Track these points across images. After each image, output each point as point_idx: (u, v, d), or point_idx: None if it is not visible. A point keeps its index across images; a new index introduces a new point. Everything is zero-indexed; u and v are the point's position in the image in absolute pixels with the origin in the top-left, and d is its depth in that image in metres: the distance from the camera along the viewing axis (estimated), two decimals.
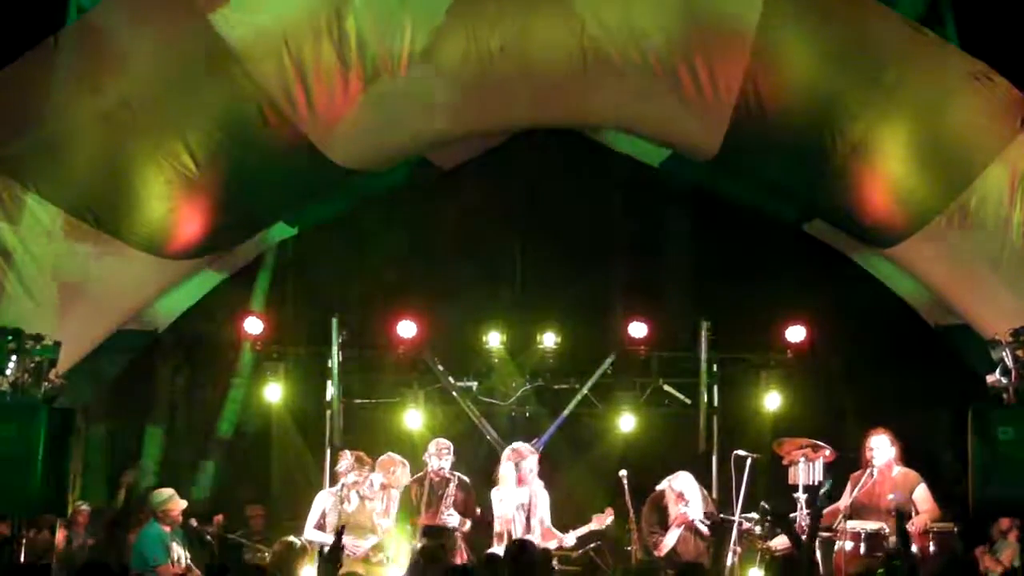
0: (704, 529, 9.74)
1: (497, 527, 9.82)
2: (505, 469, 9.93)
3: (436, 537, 8.63)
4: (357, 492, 9.81)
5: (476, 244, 11.87)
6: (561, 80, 8.73)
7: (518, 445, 10.14)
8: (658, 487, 9.98)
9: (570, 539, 9.81)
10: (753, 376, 11.37)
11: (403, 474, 10.03)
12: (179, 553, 9.34)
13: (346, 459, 9.84)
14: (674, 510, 9.79)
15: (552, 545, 9.62)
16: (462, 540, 9.78)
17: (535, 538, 9.45)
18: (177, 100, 8.19)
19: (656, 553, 9.68)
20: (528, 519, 9.78)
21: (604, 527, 9.78)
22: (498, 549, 9.15)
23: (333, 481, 10.15)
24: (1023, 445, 8.01)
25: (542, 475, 10.08)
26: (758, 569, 9.59)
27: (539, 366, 11.62)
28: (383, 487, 9.90)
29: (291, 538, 8.69)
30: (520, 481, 9.86)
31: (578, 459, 10.55)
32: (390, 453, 10.20)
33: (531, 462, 9.91)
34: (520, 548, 7.35)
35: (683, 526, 9.72)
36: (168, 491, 9.72)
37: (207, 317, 11.61)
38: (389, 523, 9.88)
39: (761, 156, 9.14)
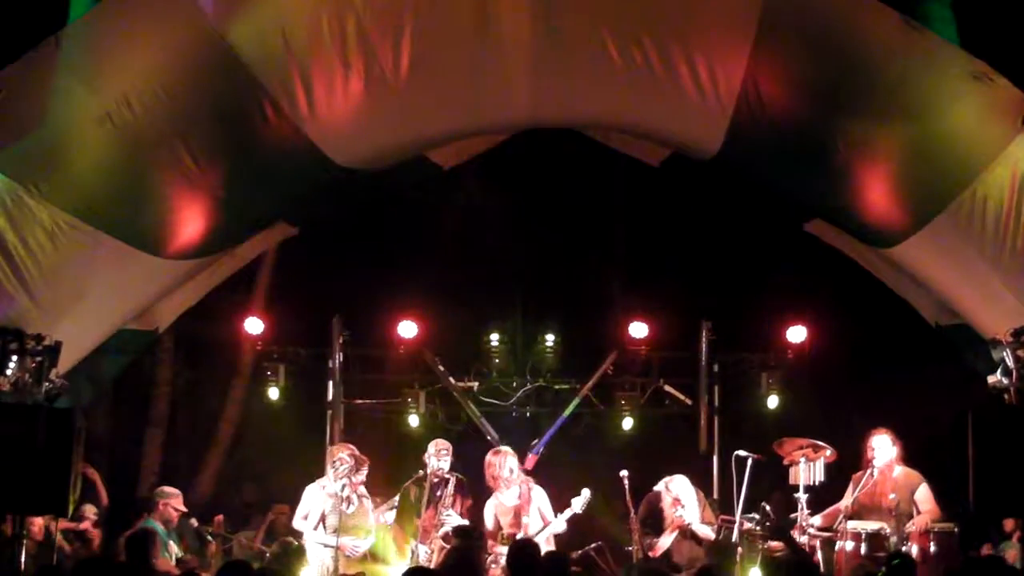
0: (708, 534, 9.75)
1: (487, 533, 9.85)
2: (488, 477, 9.95)
3: (468, 538, 8.64)
4: (357, 493, 9.81)
5: (476, 244, 11.88)
6: (561, 79, 8.73)
7: (498, 449, 10.15)
8: (655, 488, 9.99)
9: (560, 523, 9.75)
10: (753, 376, 11.39)
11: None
12: (176, 550, 9.40)
13: (346, 463, 9.79)
14: (670, 513, 9.80)
15: (546, 534, 9.60)
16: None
17: (527, 533, 9.49)
18: (177, 99, 8.17)
19: (651, 554, 9.68)
20: (518, 518, 9.77)
21: (583, 509, 9.73)
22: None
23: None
24: (1023, 445, 8.01)
25: (542, 475, 10.07)
26: (758, 569, 9.59)
27: (540, 366, 11.63)
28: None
29: (289, 538, 8.70)
30: (506, 484, 9.86)
31: (578, 459, 10.54)
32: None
33: (509, 464, 9.90)
34: (519, 548, 7.34)
35: (678, 530, 9.73)
36: (173, 490, 9.77)
37: (207, 317, 11.62)
38: (389, 521, 9.90)
39: (761, 156, 9.13)
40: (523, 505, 9.79)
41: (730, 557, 9.53)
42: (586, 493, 9.70)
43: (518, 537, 9.20)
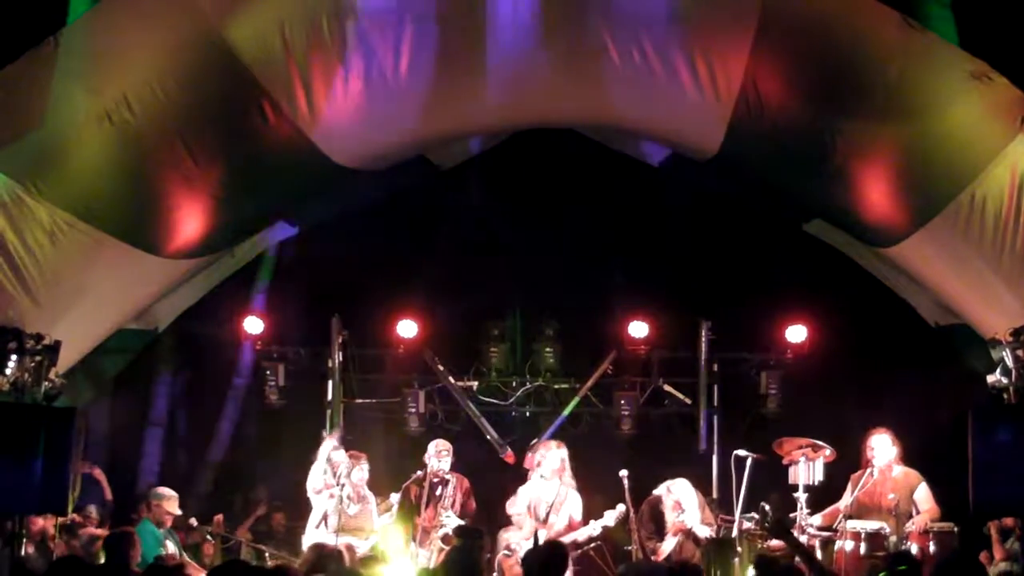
0: (705, 536, 9.75)
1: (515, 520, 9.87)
2: (534, 464, 10.01)
3: (470, 537, 8.66)
4: (359, 494, 9.79)
5: (476, 244, 11.87)
6: (561, 79, 8.73)
7: (543, 442, 10.17)
8: (655, 491, 9.98)
9: (595, 528, 9.76)
10: (753, 376, 11.38)
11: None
12: (173, 550, 9.40)
13: (344, 464, 9.78)
14: (671, 517, 9.80)
15: (573, 536, 9.66)
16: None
17: (551, 534, 9.55)
18: (177, 99, 8.18)
19: (654, 558, 9.68)
20: (548, 515, 9.78)
21: (616, 522, 9.75)
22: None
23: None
24: (1023, 445, 8.01)
25: None
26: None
27: (539, 365, 11.63)
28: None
29: (321, 541, 8.65)
30: (546, 475, 9.87)
31: (578, 459, 10.53)
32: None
33: (552, 459, 9.91)
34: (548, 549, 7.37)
35: (680, 534, 9.74)
36: (169, 491, 9.75)
37: (207, 317, 11.61)
38: (388, 521, 9.89)
39: (761, 156, 9.13)
40: (557, 505, 9.81)
41: (725, 553, 9.52)
42: (621, 508, 9.71)
43: (540, 534, 9.33)
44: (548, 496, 9.89)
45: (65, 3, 7.96)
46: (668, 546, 9.75)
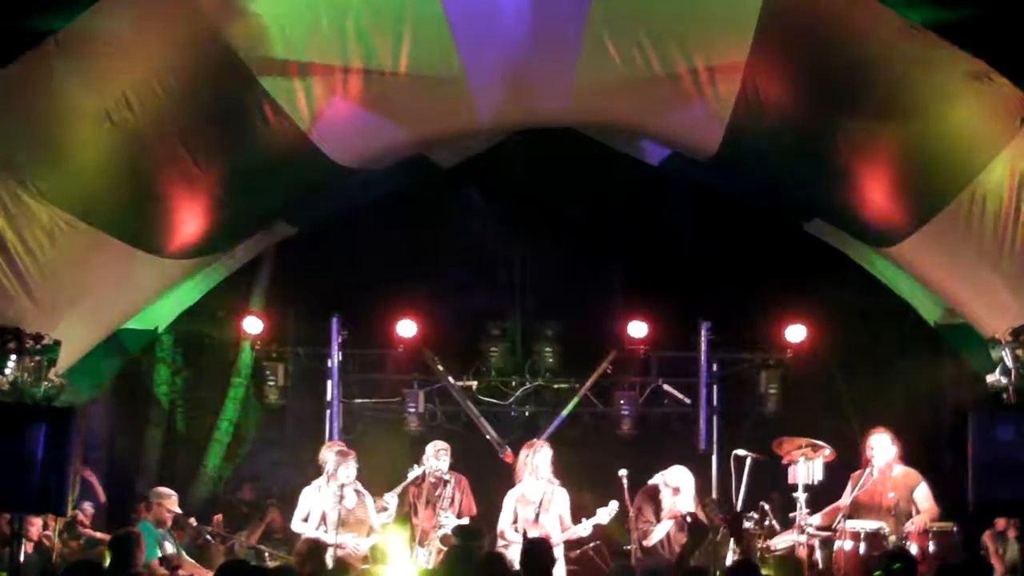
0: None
1: (502, 522, 9.83)
2: (520, 464, 9.97)
3: (469, 537, 8.67)
4: (355, 489, 9.78)
5: (476, 244, 11.88)
6: (560, 79, 8.73)
7: (533, 441, 10.15)
8: (650, 481, 9.95)
9: (586, 528, 9.76)
10: (752, 376, 11.39)
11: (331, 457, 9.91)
12: (171, 550, 9.40)
13: (331, 460, 9.75)
14: (669, 503, 9.78)
15: (564, 537, 9.66)
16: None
17: (543, 533, 9.53)
18: (177, 99, 8.18)
19: (644, 543, 9.66)
20: (538, 515, 9.77)
21: (608, 520, 9.74)
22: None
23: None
24: (1023, 445, 8.01)
25: None
26: None
27: (539, 365, 11.64)
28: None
29: (313, 536, 8.65)
30: (534, 475, 9.86)
31: (578, 459, 10.54)
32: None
33: (539, 459, 9.90)
34: (531, 545, 7.37)
35: (674, 520, 9.72)
36: (169, 491, 9.76)
37: (207, 317, 11.63)
38: (387, 519, 9.89)
39: (761, 155, 9.13)
40: (545, 505, 9.80)
41: (709, 538, 9.52)
42: (614, 505, 9.69)
43: (532, 535, 9.27)
44: (535, 496, 9.87)
45: (65, 3, 7.96)
46: (660, 532, 9.67)
